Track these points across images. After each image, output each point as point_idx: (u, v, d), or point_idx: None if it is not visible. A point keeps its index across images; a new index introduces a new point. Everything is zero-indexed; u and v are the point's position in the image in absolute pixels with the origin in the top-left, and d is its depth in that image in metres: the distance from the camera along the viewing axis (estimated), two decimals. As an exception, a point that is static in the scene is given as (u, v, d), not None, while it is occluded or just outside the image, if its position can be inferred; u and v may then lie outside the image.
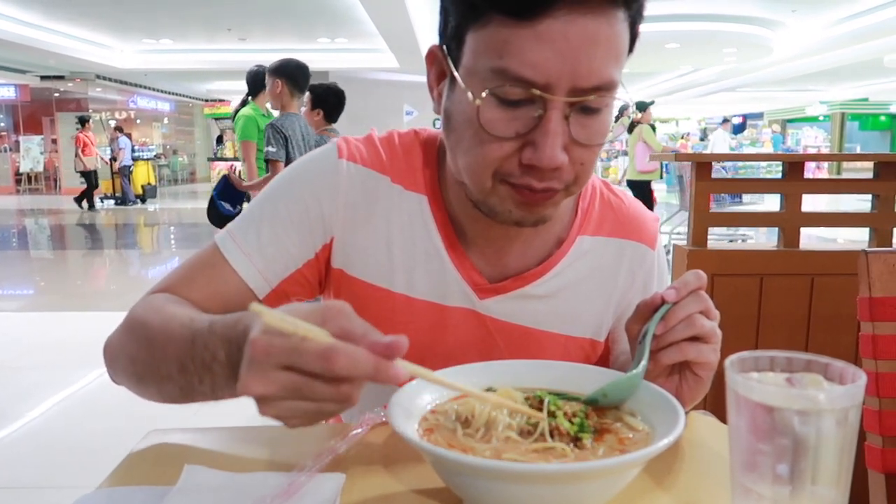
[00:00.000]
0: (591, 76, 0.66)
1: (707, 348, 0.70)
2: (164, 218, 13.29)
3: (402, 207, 0.86)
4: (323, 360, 0.50)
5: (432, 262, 0.86)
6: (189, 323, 0.69)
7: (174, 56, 14.43)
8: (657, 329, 0.70)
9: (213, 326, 0.65)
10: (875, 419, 1.08)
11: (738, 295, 2.02)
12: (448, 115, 0.77)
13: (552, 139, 0.67)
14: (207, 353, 0.64)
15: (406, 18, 9.48)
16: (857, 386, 0.48)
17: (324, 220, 0.85)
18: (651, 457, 0.54)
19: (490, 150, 0.71)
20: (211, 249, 0.85)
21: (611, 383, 0.66)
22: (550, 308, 0.89)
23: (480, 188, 0.75)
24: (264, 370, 0.52)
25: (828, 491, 0.49)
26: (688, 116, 28.21)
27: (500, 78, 0.67)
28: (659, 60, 13.51)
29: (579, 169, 0.73)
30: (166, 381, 0.70)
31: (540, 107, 0.68)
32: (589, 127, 0.70)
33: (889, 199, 2.08)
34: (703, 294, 0.72)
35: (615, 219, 0.93)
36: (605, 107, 0.71)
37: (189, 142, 24.46)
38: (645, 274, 0.94)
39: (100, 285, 6.67)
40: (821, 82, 16.95)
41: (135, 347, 0.76)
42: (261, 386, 0.52)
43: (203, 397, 0.68)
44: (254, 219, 0.86)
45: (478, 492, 0.56)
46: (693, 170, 2.06)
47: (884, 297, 1.10)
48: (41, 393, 3.67)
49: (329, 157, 0.87)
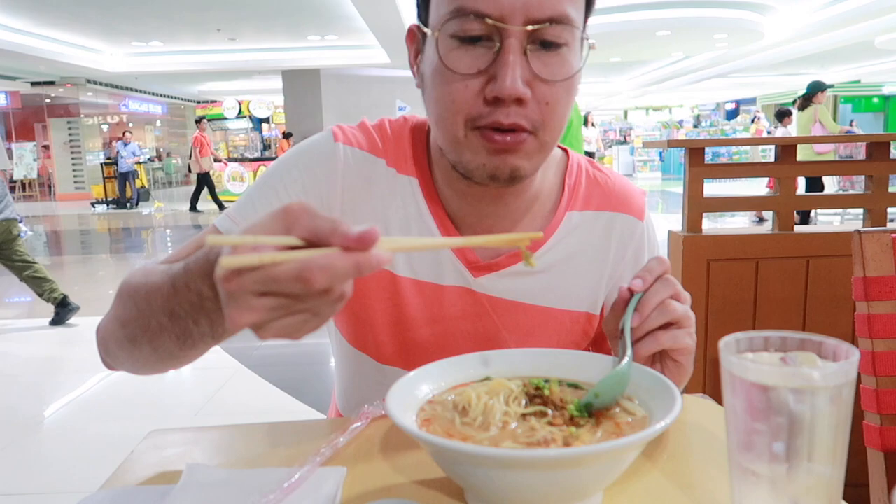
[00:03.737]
0: (543, 7, 0.71)
1: (681, 333, 0.71)
2: (160, 222, 13.28)
3: (395, 190, 0.88)
4: (300, 282, 0.48)
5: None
6: (167, 270, 0.67)
7: (164, 58, 14.38)
8: (632, 321, 0.70)
9: (188, 266, 0.63)
10: (872, 398, 1.09)
11: (733, 279, 2.03)
12: (422, 77, 0.80)
13: (511, 69, 0.71)
14: (191, 293, 0.62)
15: (396, 14, 9.45)
16: (850, 363, 0.48)
17: (321, 201, 0.87)
18: (648, 440, 0.54)
19: (456, 90, 0.74)
20: (209, 231, 0.86)
21: (600, 384, 0.65)
22: (544, 283, 0.91)
23: (454, 140, 0.77)
24: (245, 301, 0.49)
25: (824, 468, 0.49)
26: (681, 104, 28.20)
27: (458, 15, 0.72)
28: (650, 48, 13.50)
29: (545, 109, 0.75)
30: (160, 334, 0.67)
31: (497, 40, 0.72)
32: (549, 64, 0.73)
33: (882, 180, 2.08)
34: (671, 278, 0.72)
35: (602, 193, 0.95)
36: (563, 44, 0.74)
37: (182, 144, 24.33)
38: (635, 245, 0.95)
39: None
40: (813, 66, 16.95)
41: (122, 311, 0.73)
42: (247, 317, 0.49)
43: (203, 340, 0.65)
44: (251, 200, 0.87)
45: (478, 480, 0.56)
46: (686, 156, 2.06)
47: (878, 277, 1.11)
48: (40, 399, 3.67)
49: (326, 142, 0.89)
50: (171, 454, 0.76)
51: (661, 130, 20.63)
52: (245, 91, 20.50)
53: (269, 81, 16.85)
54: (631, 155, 19.91)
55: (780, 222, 2.08)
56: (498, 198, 0.85)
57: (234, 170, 15.24)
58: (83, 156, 17.28)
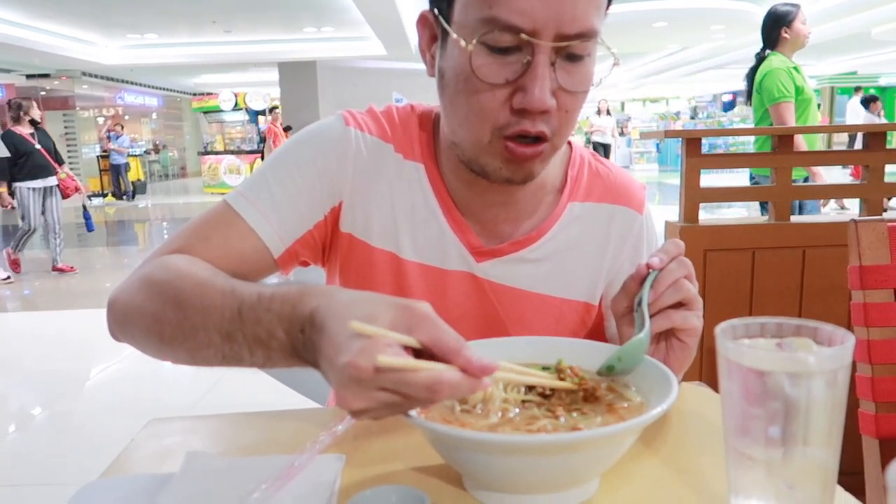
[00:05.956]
0: (574, 22, 0.71)
1: (691, 314, 0.72)
2: (157, 214, 13.24)
3: (402, 175, 0.90)
4: (428, 392, 0.51)
5: (431, 227, 0.89)
6: (231, 291, 0.67)
7: (160, 50, 14.28)
8: (649, 296, 0.72)
9: (266, 302, 0.63)
10: (868, 386, 1.10)
11: (730, 269, 2.03)
12: (442, 73, 0.80)
13: (541, 82, 0.72)
14: (261, 328, 0.62)
15: (392, 5, 9.41)
16: (845, 347, 0.49)
17: (332, 183, 0.88)
18: (645, 425, 0.55)
19: (483, 98, 0.75)
20: (222, 209, 0.85)
21: (622, 348, 0.68)
22: (545, 271, 0.92)
23: (477, 143, 0.78)
24: (366, 391, 0.52)
25: (819, 452, 0.50)
26: (677, 95, 28.17)
27: (490, 26, 0.71)
28: (647, 40, 13.48)
29: (563, 117, 0.77)
30: (205, 348, 0.68)
31: (528, 53, 0.72)
32: (574, 74, 0.75)
33: (878, 170, 2.09)
34: (685, 260, 0.74)
35: (603, 186, 0.96)
36: (587, 55, 0.75)
37: (178, 136, 24.28)
38: (634, 238, 0.97)
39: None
40: (809, 57, 16.91)
41: (160, 308, 0.73)
42: (362, 404, 0.52)
43: (250, 365, 0.67)
44: (265, 180, 0.87)
45: (476, 466, 0.57)
46: (683, 146, 2.06)
47: (874, 266, 1.11)
48: (35, 391, 3.68)
49: (337, 125, 0.90)
50: (170, 443, 0.77)
51: (658, 122, 20.62)
52: (241, 83, 20.42)
53: (266, 73, 16.78)
54: (628, 146, 19.89)
55: (777, 212, 2.08)
56: (504, 189, 0.86)
57: (231, 162, 15.22)
58: (79, 149, 17.18)
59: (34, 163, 6.45)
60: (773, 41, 3.61)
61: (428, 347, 0.53)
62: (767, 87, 3.49)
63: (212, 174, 15.56)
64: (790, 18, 3.56)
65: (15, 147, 6.38)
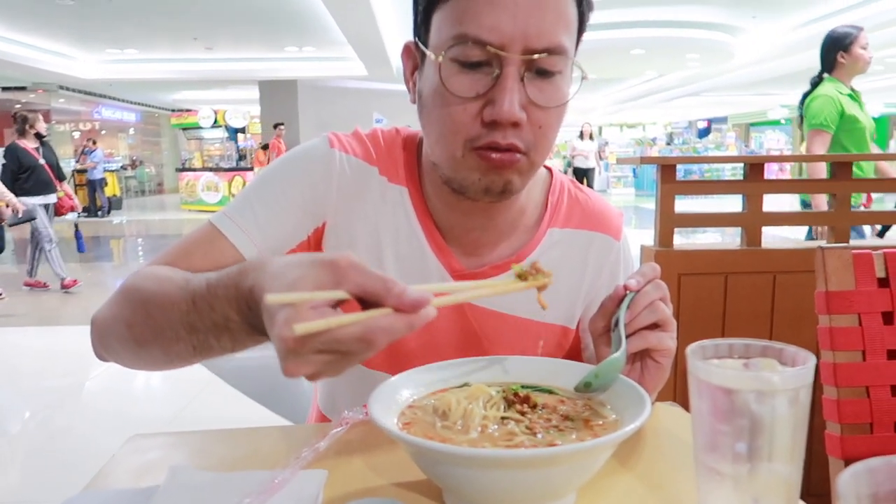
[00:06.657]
0: (541, 37, 0.74)
1: (666, 335, 0.75)
2: (133, 230, 13.09)
3: (386, 198, 0.91)
4: (362, 343, 0.52)
5: (413, 250, 0.91)
6: (185, 284, 0.69)
7: (140, 66, 14.21)
8: (626, 317, 0.74)
9: (212, 288, 0.65)
10: (834, 408, 1.13)
11: (704, 293, 2.08)
12: (420, 95, 0.83)
13: (510, 95, 0.75)
14: (216, 314, 0.64)
15: (374, 26, 9.49)
16: (806, 368, 0.52)
17: (316, 204, 0.89)
18: (619, 441, 0.57)
19: (455, 112, 0.77)
20: (206, 228, 0.87)
21: (600, 366, 0.69)
22: (524, 295, 0.93)
23: (451, 158, 0.81)
24: (303, 358, 0.52)
25: (783, 467, 0.52)
26: (654, 121, 28.62)
27: (460, 41, 0.75)
28: (625, 66, 13.72)
29: (538, 133, 0.79)
30: (175, 342, 0.70)
31: (497, 66, 0.75)
32: (545, 90, 0.77)
33: (845, 198, 2.15)
34: (661, 283, 0.76)
35: (582, 212, 0.99)
36: (557, 72, 0.78)
37: (156, 152, 24.08)
38: (611, 264, 0.99)
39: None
40: (782, 86, 17.28)
41: (130, 313, 0.75)
42: (305, 370, 0.53)
43: (223, 352, 0.69)
44: (249, 200, 0.89)
45: (456, 480, 0.58)
46: (658, 173, 2.11)
47: (839, 291, 1.15)
48: (19, 406, 3.60)
49: (321, 147, 0.92)
50: (152, 458, 0.77)
51: (634, 147, 20.90)
52: (221, 100, 20.34)
53: (245, 91, 16.75)
54: (605, 171, 20.11)
55: (748, 238, 2.14)
56: (486, 211, 0.88)
57: (209, 179, 15.12)
58: (54, 163, 16.97)
59: (37, 178, 6.19)
60: (830, 65, 3.40)
61: (358, 297, 0.54)
62: (810, 112, 3.34)
63: (189, 191, 15.43)
64: (848, 42, 3.35)
65: (19, 161, 6.11)
